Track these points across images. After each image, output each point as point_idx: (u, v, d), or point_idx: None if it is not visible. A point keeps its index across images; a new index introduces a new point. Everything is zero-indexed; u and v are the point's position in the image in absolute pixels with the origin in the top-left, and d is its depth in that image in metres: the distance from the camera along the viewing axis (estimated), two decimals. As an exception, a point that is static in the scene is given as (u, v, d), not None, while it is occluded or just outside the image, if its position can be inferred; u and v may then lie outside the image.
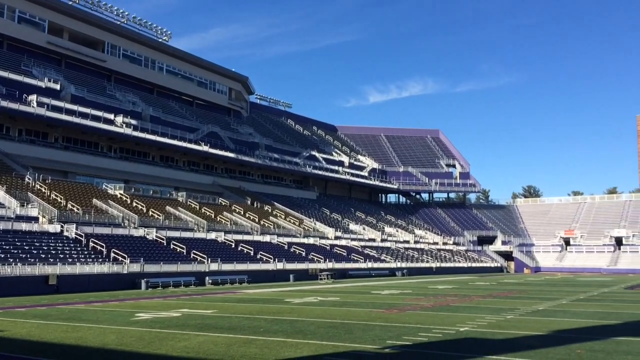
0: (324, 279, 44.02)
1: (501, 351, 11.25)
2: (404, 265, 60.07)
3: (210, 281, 36.61)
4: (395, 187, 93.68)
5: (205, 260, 38.47)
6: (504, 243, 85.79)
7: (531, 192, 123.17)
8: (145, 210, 44.64)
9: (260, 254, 44.89)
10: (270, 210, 61.59)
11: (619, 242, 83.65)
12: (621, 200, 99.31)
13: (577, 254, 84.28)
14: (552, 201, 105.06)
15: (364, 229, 69.99)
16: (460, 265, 71.25)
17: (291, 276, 42.97)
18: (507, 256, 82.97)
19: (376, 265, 56.29)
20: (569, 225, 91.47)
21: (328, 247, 55.92)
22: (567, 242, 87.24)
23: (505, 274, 69.92)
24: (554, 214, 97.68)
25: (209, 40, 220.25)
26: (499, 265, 79.91)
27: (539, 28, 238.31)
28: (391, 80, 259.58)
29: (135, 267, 33.23)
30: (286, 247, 50.51)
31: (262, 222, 54.40)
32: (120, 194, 47.02)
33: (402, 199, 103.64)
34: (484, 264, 77.11)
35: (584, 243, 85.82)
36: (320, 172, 78.69)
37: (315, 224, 62.97)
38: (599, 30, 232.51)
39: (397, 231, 76.38)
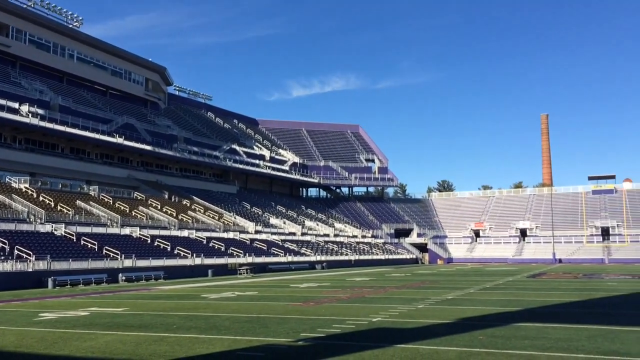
0: (244, 273, 43.72)
1: (410, 340, 11.66)
2: (323, 258, 60.80)
3: (123, 278, 35.33)
4: (316, 181, 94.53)
5: (119, 257, 37.08)
6: (419, 235, 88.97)
7: (445, 187, 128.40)
8: (53, 205, 42.33)
9: (178, 249, 43.88)
10: (188, 205, 60.28)
11: (523, 233, 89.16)
12: (526, 194, 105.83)
13: (486, 245, 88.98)
14: (464, 195, 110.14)
15: (284, 223, 70.13)
16: (378, 257, 73.10)
17: (210, 271, 42.35)
18: (422, 248, 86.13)
19: (296, 258, 56.59)
20: (479, 218, 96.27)
21: (248, 242, 55.55)
22: (477, 234, 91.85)
23: (420, 265, 72.52)
24: (465, 208, 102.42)
25: (126, 28, 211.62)
26: (414, 256, 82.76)
27: (455, 28, 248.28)
28: (314, 75, 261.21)
29: (42, 265, 31.45)
30: (205, 241, 49.67)
31: (180, 217, 53.15)
32: (26, 187, 44.29)
33: (323, 193, 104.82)
34: (401, 256, 79.58)
35: (492, 235, 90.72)
36: (240, 166, 77.94)
37: (235, 218, 62.34)
38: (509, 32, 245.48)
39: (317, 225, 77.15)
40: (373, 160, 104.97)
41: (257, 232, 60.53)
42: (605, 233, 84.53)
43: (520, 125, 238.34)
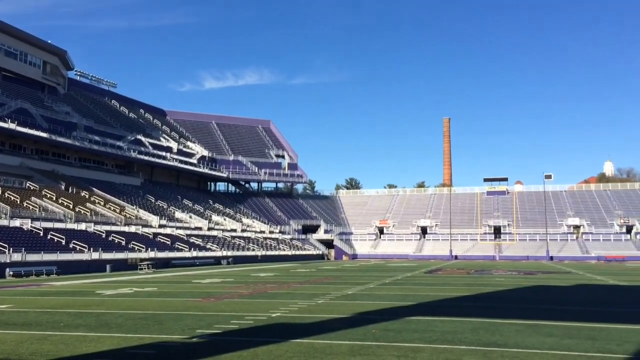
0: (144, 268, 42.32)
1: (306, 335, 11.84)
2: (230, 253, 60.21)
3: (11, 273, 33.08)
4: (225, 175, 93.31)
5: (6, 250, 34.60)
6: (326, 232, 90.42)
7: (352, 184, 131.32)
8: None
9: (74, 243, 41.68)
10: (87, 197, 57.37)
11: (424, 231, 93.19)
12: (428, 194, 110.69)
13: (389, 241, 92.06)
14: (371, 193, 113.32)
15: (190, 217, 68.61)
16: (285, 253, 73.47)
17: (108, 266, 40.59)
18: (329, 244, 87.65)
19: (201, 254, 55.62)
20: (384, 216, 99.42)
21: (151, 236, 53.83)
22: (381, 231, 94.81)
23: (326, 261, 73.75)
24: (371, 205, 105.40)
25: (25, 6, 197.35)
26: (321, 252, 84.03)
27: (369, 30, 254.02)
28: (228, 67, 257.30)
29: None
30: (104, 235, 47.54)
31: (77, 209, 50.48)
32: None
33: (232, 188, 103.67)
34: (308, 252, 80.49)
35: (395, 232, 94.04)
36: (146, 158, 75.30)
37: (138, 211, 60.14)
38: (419, 36, 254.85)
39: (224, 220, 76.21)
40: (283, 156, 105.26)
41: (161, 226, 58.78)
42: (497, 232, 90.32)
43: (425, 128, 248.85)
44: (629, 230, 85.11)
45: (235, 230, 73.34)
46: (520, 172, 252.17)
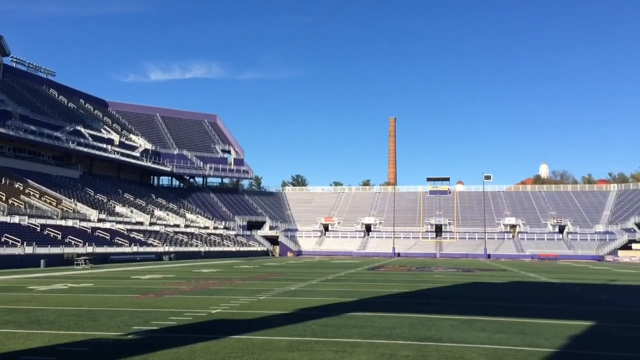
0: (81, 264, 40.89)
1: (245, 331, 11.78)
2: (172, 249, 59.09)
3: None
4: (169, 169, 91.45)
5: None
6: (271, 228, 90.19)
7: (299, 181, 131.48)
8: None
9: (5, 237, 39.83)
10: (21, 188, 54.91)
11: (368, 228, 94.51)
12: (373, 192, 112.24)
13: (334, 238, 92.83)
14: (316, 190, 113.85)
15: (131, 211, 66.85)
16: (229, 249, 72.76)
17: (42, 261, 39.01)
18: (274, 240, 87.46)
19: (142, 249, 54.30)
20: (329, 213, 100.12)
21: (89, 230, 52.11)
22: (326, 228, 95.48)
23: (270, 258, 73.53)
24: (317, 202, 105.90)
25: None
26: (265, 249, 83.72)
27: (319, 28, 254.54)
28: (175, 59, 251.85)
29: None
30: (39, 229, 45.66)
31: (10, 201, 48.25)
32: None
33: (176, 182, 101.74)
34: (252, 248, 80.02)
35: (340, 229, 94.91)
36: (85, 149, 72.80)
37: (76, 205, 58.06)
38: (365, 36, 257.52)
39: (167, 215, 74.69)
40: (229, 152, 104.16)
41: (100, 220, 56.99)
42: (439, 230, 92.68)
43: (372, 127, 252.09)
44: (561, 230, 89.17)
45: (178, 226, 72.01)
46: (461, 173, 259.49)
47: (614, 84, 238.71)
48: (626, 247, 79.81)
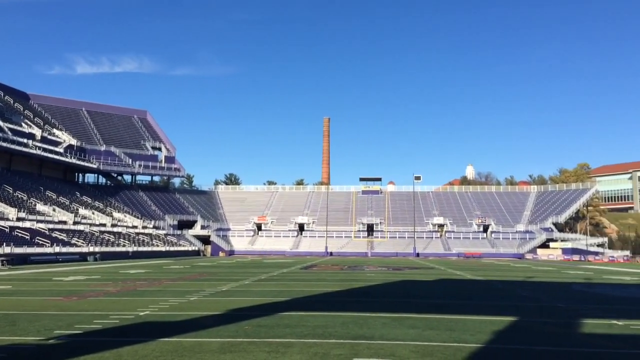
0: (-2, 265, 38.58)
1: (175, 333, 11.47)
2: (97, 249, 56.86)
3: None
4: (95, 166, 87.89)
5: None
6: (203, 227, 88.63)
7: (232, 180, 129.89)
8: None
9: None
10: None
11: (301, 227, 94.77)
12: (306, 191, 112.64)
13: (267, 238, 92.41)
14: (250, 189, 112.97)
15: (54, 210, 63.73)
16: (159, 249, 70.87)
17: (-47, 263, 36.46)
18: (205, 240, 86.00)
19: (65, 249, 51.91)
20: (263, 212, 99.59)
21: (7, 230, 49.26)
22: (259, 227, 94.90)
23: (202, 258, 72.24)
24: (250, 201, 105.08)
25: None
26: (197, 249, 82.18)
27: (255, 25, 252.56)
28: (104, 52, 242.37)
29: None
30: (-51, 228, 42.65)
31: None
32: None
33: (103, 180, 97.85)
34: (183, 248, 78.31)
35: (273, 228, 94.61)
36: (3, 144, 68.77)
37: (-8, 202, 54.68)
38: (302, 35, 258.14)
39: (93, 213, 71.77)
40: (160, 149, 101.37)
41: (19, 219, 53.98)
42: (370, 229, 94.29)
43: (306, 126, 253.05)
44: (485, 229, 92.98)
45: (104, 225, 69.34)
46: (393, 173, 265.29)
47: (535, 90, 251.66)
48: (544, 245, 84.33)
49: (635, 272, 42.85)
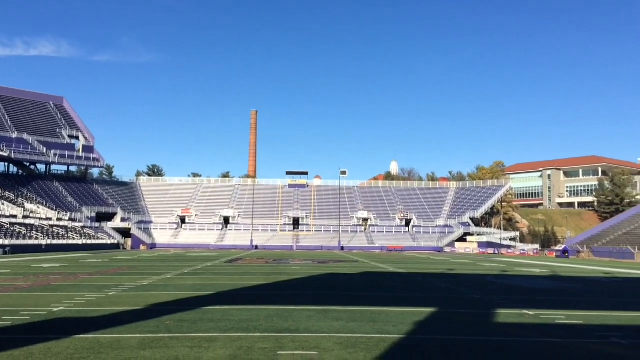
0: None
1: (91, 329, 10.98)
2: (7, 242, 53.61)
3: None
4: (6, 154, 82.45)
5: None
6: (123, 220, 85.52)
7: (155, 172, 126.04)
8: None
9: None
10: None
11: (226, 220, 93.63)
12: (232, 184, 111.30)
13: (190, 231, 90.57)
14: (174, 181, 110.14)
15: (-43, 200, 59.27)
16: (75, 242, 67.71)
17: None
18: (126, 233, 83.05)
19: (-30, 242, 48.44)
20: (187, 205, 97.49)
21: None
22: (183, 220, 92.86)
23: (121, 251, 69.72)
24: (174, 194, 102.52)
25: None
26: (116, 242, 79.23)
27: (181, 13, 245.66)
28: (18, 33, 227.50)
29: None
30: None
31: None
32: None
33: (14, 169, 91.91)
34: (101, 241, 75.26)
35: (197, 221, 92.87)
36: None
37: None
38: (229, 25, 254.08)
39: (2, 204, 67.42)
40: (77, 138, 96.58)
41: None
42: (296, 223, 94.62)
43: (233, 118, 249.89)
44: (407, 223, 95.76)
45: (15, 217, 65.30)
46: (320, 167, 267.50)
47: (455, 91, 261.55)
48: (462, 239, 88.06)
49: (543, 265, 45.63)
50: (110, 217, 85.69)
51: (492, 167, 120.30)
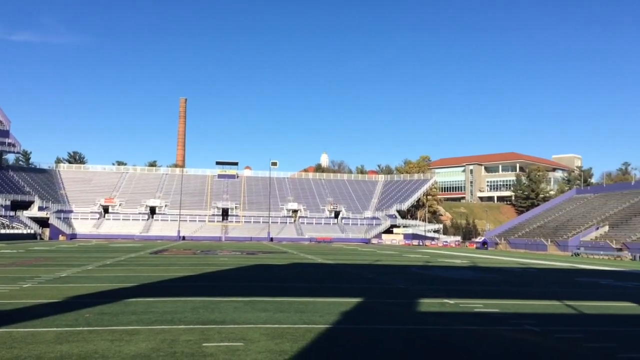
0: None
1: (5, 323, 10.38)
2: None
3: None
4: None
5: None
6: (41, 209, 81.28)
7: (76, 159, 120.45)
8: None
9: None
10: None
11: (153, 211, 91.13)
12: (159, 173, 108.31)
13: (114, 221, 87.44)
14: (97, 169, 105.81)
15: None
16: (-14, 232, 63.64)
17: None
18: (44, 223, 78.99)
19: None
20: (110, 194, 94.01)
21: None
22: (106, 210, 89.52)
23: (39, 241, 66.27)
24: (97, 182, 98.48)
25: None
26: (33, 232, 75.22)
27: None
28: None
29: None
30: None
31: None
32: None
33: None
34: (17, 231, 71.24)
35: (122, 211, 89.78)
36: None
37: None
38: (159, 11, 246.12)
39: None
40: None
41: None
42: (225, 214, 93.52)
43: (161, 106, 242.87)
44: (336, 215, 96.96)
45: None
46: (250, 158, 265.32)
47: (384, 85, 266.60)
48: (389, 231, 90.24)
49: (464, 256, 47.60)
50: (26, 205, 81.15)
51: (418, 162, 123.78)
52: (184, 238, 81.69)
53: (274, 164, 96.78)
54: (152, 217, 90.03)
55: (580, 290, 20.10)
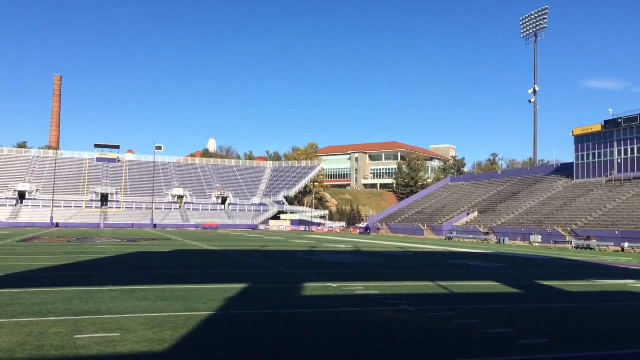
0: None
1: None
2: None
3: None
4: None
5: None
6: None
7: None
8: None
9: None
10: None
11: (22, 196, 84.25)
12: (29, 155, 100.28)
13: (-24, 207, 79.75)
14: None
15: None
16: None
17: None
18: None
19: None
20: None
21: None
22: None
23: None
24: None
25: None
26: None
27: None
28: None
29: None
30: None
31: None
32: None
33: None
34: None
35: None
36: None
37: None
38: None
39: None
40: None
41: None
42: (105, 199, 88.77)
43: (33, 83, 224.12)
44: (224, 201, 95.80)
45: None
46: (133, 141, 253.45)
47: (273, 71, 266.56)
48: (276, 217, 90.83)
49: (348, 241, 49.19)
50: None
51: (306, 149, 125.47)
52: (57, 225, 76.43)
53: (159, 148, 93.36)
54: (22, 203, 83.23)
55: (452, 271, 21.57)
